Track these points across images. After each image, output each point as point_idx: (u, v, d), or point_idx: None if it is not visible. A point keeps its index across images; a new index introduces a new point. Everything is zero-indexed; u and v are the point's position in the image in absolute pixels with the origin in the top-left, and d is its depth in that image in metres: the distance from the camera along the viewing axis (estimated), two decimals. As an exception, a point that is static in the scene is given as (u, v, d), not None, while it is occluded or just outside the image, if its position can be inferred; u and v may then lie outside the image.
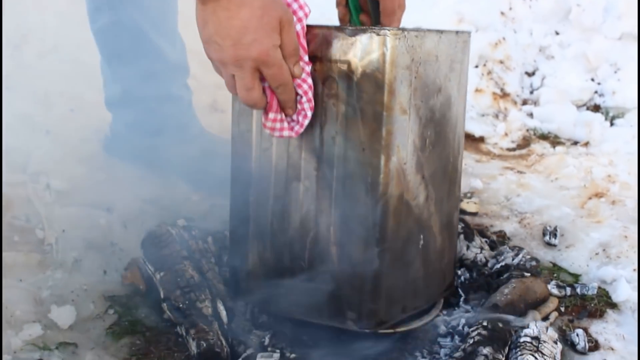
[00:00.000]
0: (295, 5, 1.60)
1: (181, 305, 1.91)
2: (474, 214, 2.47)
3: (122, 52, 2.38)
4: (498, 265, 2.20)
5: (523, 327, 1.95)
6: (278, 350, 1.86)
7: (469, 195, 2.57)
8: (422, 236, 1.79)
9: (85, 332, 1.93)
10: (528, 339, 1.91)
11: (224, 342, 1.84)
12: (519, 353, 1.85)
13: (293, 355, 1.84)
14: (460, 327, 2.01)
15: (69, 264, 2.12)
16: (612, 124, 3.09)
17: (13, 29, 3.07)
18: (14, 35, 3.03)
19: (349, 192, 1.68)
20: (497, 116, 3.07)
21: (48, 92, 2.75)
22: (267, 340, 1.90)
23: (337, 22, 1.95)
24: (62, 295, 2.01)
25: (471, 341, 1.91)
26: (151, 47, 2.36)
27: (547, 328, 1.96)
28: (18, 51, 2.96)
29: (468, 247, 2.25)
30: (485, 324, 1.94)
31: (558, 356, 1.90)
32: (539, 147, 2.94)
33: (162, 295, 1.95)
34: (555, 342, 1.94)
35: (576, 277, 2.27)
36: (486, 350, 1.86)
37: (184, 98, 2.51)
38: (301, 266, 1.78)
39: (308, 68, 1.63)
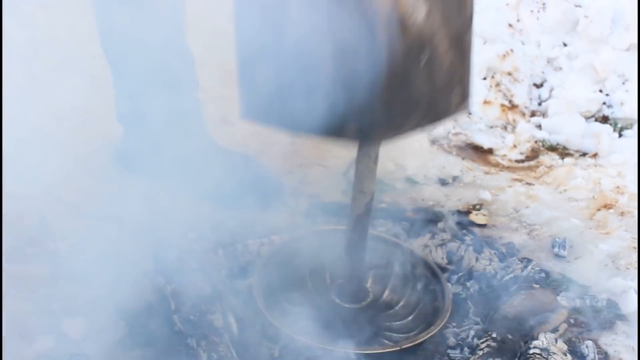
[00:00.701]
0: None
1: (192, 317, 1.92)
2: (483, 226, 2.47)
3: (132, 68, 2.40)
4: (507, 277, 2.21)
5: (532, 339, 1.96)
6: (288, 362, 1.88)
7: (477, 207, 2.58)
8: (424, 53, 1.69)
9: (97, 344, 1.93)
10: (537, 351, 1.91)
11: (234, 354, 1.85)
12: (529, 365, 1.85)
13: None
14: (469, 339, 2.02)
15: (81, 276, 2.12)
16: (620, 135, 3.09)
17: (24, 43, 3.10)
18: (26, 49, 3.06)
19: (338, 5, 1.61)
20: (505, 128, 3.07)
21: (59, 105, 2.77)
22: (277, 352, 1.90)
23: None
24: (73, 307, 2.02)
25: (480, 353, 1.91)
26: (161, 63, 2.38)
27: (556, 340, 1.97)
28: (29, 65, 2.98)
29: (477, 259, 2.26)
30: (494, 335, 1.95)
31: (567, 368, 1.90)
32: (547, 158, 2.95)
33: (172, 307, 1.96)
34: (565, 354, 1.94)
35: (585, 288, 2.27)
36: (496, 362, 1.87)
37: (195, 111, 2.52)
38: (301, 82, 1.73)
39: None
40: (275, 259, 2.08)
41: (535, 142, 3.03)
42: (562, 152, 3.01)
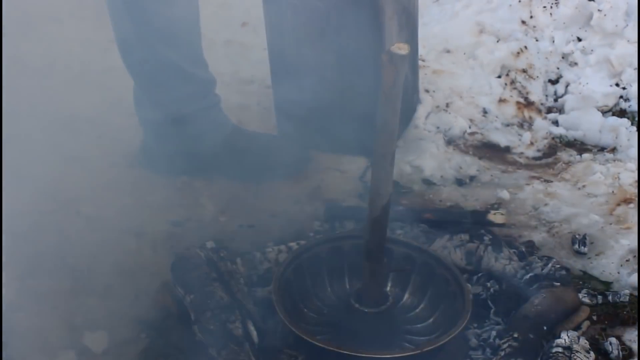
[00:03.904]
0: None
1: (212, 327, 1.92)
2: (502, 225, 2.46)
3: (156, 81, 2.45)
4: (527, 276, 2.19)
5: (554, 337, 1.95)
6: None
7: (495, 206, 2.56)
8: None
9: (119, 356, 1.95)
10: (560, 349, 1.90)
11: (255, 363, 1.85)
12: (551, 364, 1.84)
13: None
14: (491, 340, 2.01)
15: (101, 289, 2.14)
16: (638, 129, 3.07)
17: (40, 57, 3.12)
18: (41, 63, 3.08)
19: None
20: (522, 125, 3.05)
21: (75, 119, 2.79)
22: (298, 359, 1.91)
23: None
24: (94, 321, 2.03)
25: (502, 353, 1.91)
26: (183, 74, 2.47)
27: (579, 337, 1.96)
28: (45, 79, 3.00)
29: (497, 259, 2.24)
30: (516, 335, 1.94)
31: (591, 366, 1.89)
32: (565, 154, 2.93)
33: (192, 318, 1.97)
34: (588, 352, 1.93)
35: (607, 284, 2.26)
36: (518, 362, 1.86)
37: (216, 104, 2.62)
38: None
39: None
40: (293, 265, 2.08)
41: (553, 138, 3.02)
42: (580, 147, 2.99)
